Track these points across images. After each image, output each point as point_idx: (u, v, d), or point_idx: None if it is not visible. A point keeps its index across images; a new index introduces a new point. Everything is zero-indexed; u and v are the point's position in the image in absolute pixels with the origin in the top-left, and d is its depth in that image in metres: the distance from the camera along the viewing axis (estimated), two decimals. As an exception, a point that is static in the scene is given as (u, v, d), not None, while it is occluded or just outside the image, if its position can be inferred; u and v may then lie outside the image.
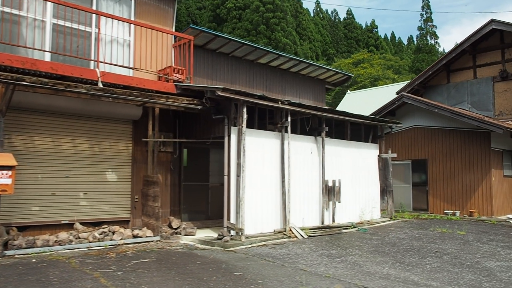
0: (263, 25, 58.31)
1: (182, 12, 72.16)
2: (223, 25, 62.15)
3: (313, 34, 71.12)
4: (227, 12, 62.22)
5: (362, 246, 9.69)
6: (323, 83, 15.90)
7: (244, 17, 59.96)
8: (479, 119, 15.18)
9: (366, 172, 13.78)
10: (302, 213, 11.46)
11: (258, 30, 58.28)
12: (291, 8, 67.93)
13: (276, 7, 60.34)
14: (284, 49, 56.00)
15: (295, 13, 69.43)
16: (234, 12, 61.35)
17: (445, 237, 11.04)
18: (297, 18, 69.37)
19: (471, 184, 16.11)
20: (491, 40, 19.78)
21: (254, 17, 58.57)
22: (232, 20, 61.37)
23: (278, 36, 57.89)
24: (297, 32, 67.41)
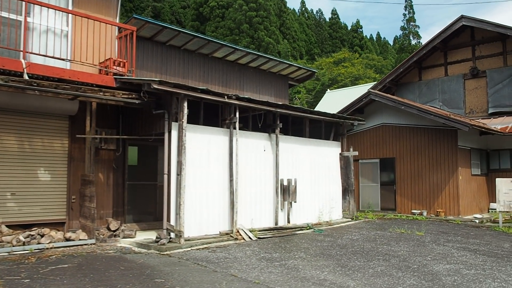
0: (246, 24, 57.77)
1: (166, 11, 71.38)
2: (206, 24, 61.48)
3: (297, 34, 70.71)
4: (210, 10, 61.54)
5: (310, 249, 9.16)
6: (286, 79, 15.37)
7: (227, 15, 59.35)
8: (445, 116, 14.77)
9: (326, 170, 13.27)
10: (252, 214, 10.89)
11: (241, 29, 57.70)
12: (275, 7, 67.47)
13: (260, 6, 59.77)
14: (267, 49, 55.49)
15: (279, 12, 68.92)
16: (217, 10, 60.69)
17: (401, 239, 10.55)
18: (281, 17, 68.89)
19: (438, 183, 15.70)
20: (462, 37, 19.46)
21: (237, 16, 57.99)
22: (215, 19, 60.71)
23: (261, 35, 57.37)
24: (281, 31, 66.97)
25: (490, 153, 17.51)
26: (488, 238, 10.88)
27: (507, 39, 18.18)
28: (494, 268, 7.55)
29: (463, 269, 7.45)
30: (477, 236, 11.23)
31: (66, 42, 10.25)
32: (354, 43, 77.28)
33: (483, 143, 17.35)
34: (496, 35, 18.37)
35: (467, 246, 9.68)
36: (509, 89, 17.99)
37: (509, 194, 12.49)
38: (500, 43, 18.45)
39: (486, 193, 17.22)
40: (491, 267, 7.64)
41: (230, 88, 13.46)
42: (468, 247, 9.57)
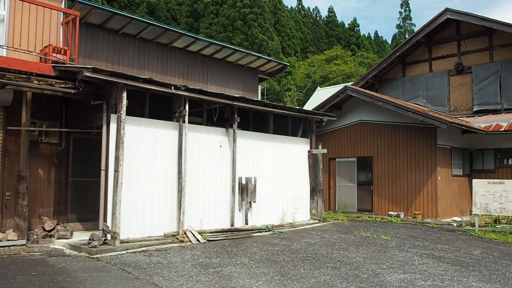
0: (240, 20, 56.97)
1: (161, 7, 70.61)
2: (200, 21, 60.73)
3: (292, 31, 69.86)
4: (204, 7, 60.79)
5: (257, 253, 8.38)
6: (256, 72, 14.58)
7: (221, 12, 58.56)
8: (423, 113, 13.98)
9: (293, 169, 12.49)
10: (205, 214, 10.12)
11: (235, 26, 56.93)
12: (269, 4, 66.63)
13: (254, 2, 58.93)
14: (261, 46, 54.71)
15: (274, 10, 68.08)
16: (211, 7, 59.93)
17: (363, 243, 9.78)
18: (276, 14, 68.03)
19: (416, 184, 14.91)
20: (447, 31, 18.65)
21: (231, 13, 57.20)
22: (209, 16, 59.98)
23: (255, 32, 56.57)
24: (276, 28, 66.16)
25: (474, 152, 16.72)
26: (459, 244, 10.10)
27: (494, 34, 17.37)
28: (455, 279, 6.78)
29: (418, 280, 6.68)
30: (447, 241, 10.45)
31: (3, 27, 9.47)
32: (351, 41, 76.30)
33: (466, 142, 16.56)
34: (482, 29, 17.56)
35: (432, 253, 8.90)
36: (495, 86, 17.18)
37: (486, 196, 11.70)
38: (486, 37, 17.64)
39: (468, 194, 16.42)
40: (451, 278, 6.87)
41: (192, 80, 12.68)
42: (433, 254, 8.79)
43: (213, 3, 60.18)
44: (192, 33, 13.40)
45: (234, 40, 54.87)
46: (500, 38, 17.24)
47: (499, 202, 11.47)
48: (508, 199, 11.34)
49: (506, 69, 17.02)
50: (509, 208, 11.33)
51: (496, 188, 11.54)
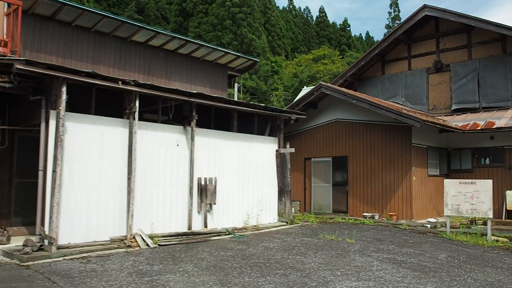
0: (229, 20, 56.43)
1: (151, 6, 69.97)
2: (189, 20, 60.17)
3: (282, 31, 69.43)
4: (193, 6, 60.25)
5: (205, 259, 7.84)
6: (225, 69, 14.03)
7: (210, 11, 58.00)
8: (396, 111, 13.50)
9: (259, 169, 11.96)
10: (158, 217, 9.57)
11: (224, 25, 56.38)
12: (259, 4, 66.15)
13: (243, 2, 58.43)
14: (250, 45, 54.22)
15: (264, 9, 67.60)
16: (200, 6, 59.37)
17: (325, 247, 9.26)
18: (266, 14, 67.55)
19: (391, 184, 14.43)
20: (427, 29, 18.23)
21: (220, 12, 56.64)
22: (198, 15, 59.41)
23: (244, 31, 56.08)
24: (266, 28, 65.72)
25: (451, 152, 16.28)
26: (426, 247, 9.61)
27: (472, 31, 16.97)
28: (410, 287, 6.27)
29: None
30: (415, 244, 9.96)
31: None
32: (342, 41, 76.07)
33: (444, 141, 16.12)
34: (461, 26, 17.15)
35: (394, 257, 8.40)
36: (473, 84, 16.77)
37: (457, 197, 11.23)
38: (465, 35, 17.23)
39: (446, 195, 15.95)
40: (407, 285, 6.37)
41: (154, 76, 12.11)
42: (395, 258, 8.29)
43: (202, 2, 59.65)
44: (153, 26, 12.83)
45: (223, 40, 54.35)
46: (479, 36, 16.84)
47: (471, 203, 11.01)
48: (480, 200, 10.88)
49: (484, 67, 16.61)
50: (481, 209, 10.86)
51: (467, 189, 11.07)
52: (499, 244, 10.48)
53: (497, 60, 16.35)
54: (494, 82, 16.33)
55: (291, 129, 17.21)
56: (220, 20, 57.30)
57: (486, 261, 8.39)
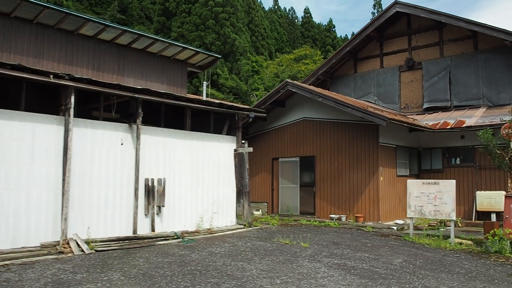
0: (212, 19, 55.76)
1: (134, 6, 69.06)
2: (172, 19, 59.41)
3: (266, 31, 68.95)
4: (176, 5, 59.44)
5: (137, 267, 7.23)
6: (185, 65, 13.41)
7: (193, 11, 57.29)
8: (362, 109, 13.03)
9: (215, 170, 11.38)
10: (99, 221, 8.94)
11: (207, 25, 55.66)
12: (243, 4, 65.63)
13: (226, 1, 57.80)
14: (233, 45, 53.64)
15: (248, 9, 67.07)
16: (183, 6, 58.57)
17: (275, 252, 8.71)
18: (249, 14, 67.03)
19: (358, 185, 13.96)
20: (399, 26, 17.84)
21: (202, 12, 55.94)
22: (181, 15, 58.60)
23: (227, 31, 55.50)
24: (250, 28, 65.20)
25: (422, 152, 15.87)
26: (383, 251, 9.11)
27: (444, 28, 16.61)
28: (352, 296, 5.75)
29: (305, 300, 5.63)
30: (373, 248, 9.46)
31: None
32: (327, 42, 75.76)
33: (414, 141, 15.71)
34: (432, 23, 16.79)
35: (346, 263, 7.87)
36: (445, 82, 16.40)
37: (420, 198, 10.76)
38: (436, 32, 16.87)
39: (417, 196, 15.52)
40: (348, 295, 5.84)
41: (104, 72, 11.46)
42: (346, 264, 7.77)
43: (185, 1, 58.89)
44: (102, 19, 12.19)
45: (205, 40, 53.65)
46: (450, 33, 16.49)
47: (434, 204, 10.55)
48: (443, 201, 10.42)
49: (456, 64, 16.26)
50: (444, 210, 10.41)
51: (430, 189, 10.62)
52: (462, 247, 10.04)
53: (469, 57, 16.00)
54: (466, 80, 15.98)
55: (259, 128, 16.69)
56: (203, 20, 56.61)
57: (444, 266, 7.92)
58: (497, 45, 15.35)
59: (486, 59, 15.60)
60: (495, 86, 15.40)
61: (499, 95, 15.32)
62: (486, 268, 7.91)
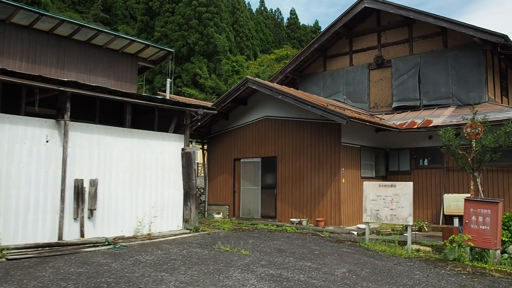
0: (195, 19, 55.00)
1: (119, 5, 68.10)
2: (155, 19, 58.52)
3: (251, 32, 68.32)
4: (159, 5, 58.64)
5: (39, 279, 6.41)
6: (134, 59, 12.60)
7: (177, 11, 56.48)
8: (322, 107, 12.33)
9: (160, 170, 10.58)
10: (17, 226, 8.09)
11: (190, 25, 54.89)
12: (228, 4, 64.97)
13: (210, 1, 57.11)
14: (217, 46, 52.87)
15: (232, 10, 66.44)
16: (167, 5, 57.79)
17: (208, 261, 7.93)
18: (234, 14, 66.39)
19: (320, 187, 13.25)
20: (368, 22, 17.21)
21: (186, 11, 55.17)
22: (165, 14, 57.77)
23: (211, 31, 54.76)
24: (234, 29, 64.57)
25: (390, 152, 15.22)
26: (330, 259, 8.38)
27: (413, 24, 16.01)
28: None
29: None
30: (319, 256, 8.73)
31: None
32: (313, 43, 75.40)
33: (382, 141, 15.06)
34: (402, 19, 16.18)
35: (281, 273, 7.13)
36: (414, 80, 15.78)
37: (377, 201, 10.07)
38: (406, 28, 16.26)
39: (384, 199, 14.85)
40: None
41: (41, 65, 10.61)
42: (281, 275, 7.02)
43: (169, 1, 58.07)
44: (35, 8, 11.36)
45: (189, 39, 52.90)
46: (420, 29, 15.90)
47: (391, 208, 9.86)
48: (400, 205, 9.74)
49: (425, 62, 15.66)
50: (401, 215, 9.72)
51: (387, 192, 9.93)
52: (419, 255, 9.37)
53: (438, 55, 15.41)
54: (435, 78, 15.38)
55: (222, 128, 15.94)
56: (186, 19, 55.90)
57: (391, 277, 7.22)
58: (466, 42, 14.78)
59: (455, 56, 15.02)
60: (465, 84, 14.82)
61: (468, 94, 14.74)
62: (438, 279, 7.23)
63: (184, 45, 54.79)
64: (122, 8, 68.55)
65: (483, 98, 14.45)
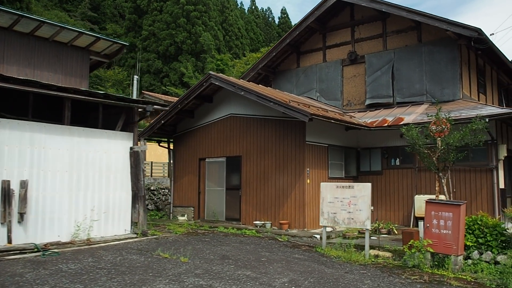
0: (183, 18, 54.32)
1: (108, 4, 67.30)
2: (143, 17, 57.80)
3: (241, 31, 67.64)
4: (147, 3, 57.95)
5: None
6: (86, 53, 11.89)
7: (165, 9, 55.80)
8: (284, 103, 11.67)
9: (105, 171, 9.89)
10: None
11: (178, 23, 54.23)
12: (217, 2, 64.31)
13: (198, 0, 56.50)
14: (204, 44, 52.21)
15: (221, 8, 65.77)
16: (155, 4, 57.11)
17: (138, 269, 7.24)
18: (223, 13, 65.75)
19: (284, 189, 12.59)
20: (342, 17, 16.57)
21: (174, 10, 54.48)
22: (152, 12, 57.10)
23: (199, 30, 54.09)
24: (223, 28, 63.94)
25: (361, 152, 14.58)
26: (274, 268, 7.70)
27: (388, 18, 15.38)
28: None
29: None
30: (264, 263, 8.05)
31: None
32: (304, 43, 74.80)
33: (353, 140, 14.41)
34: (376, 13, 15.55)
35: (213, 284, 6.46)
36: (388, 77, 15.15)
37: (334, 203, 9.41)
38: (380, 23, 15.63)
39: (354, 200, 14.20)
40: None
41: (-24, 57, 9.89)
42: (212, 286, 6.35)
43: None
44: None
45: (176, 38, 52.25)
46: (394, 24, 15.27)
47: (348, 211, 9.20)
48: (357, 207, 9.08)
49: (399, 58, 15.03)
50: (359, 218, 9.07)
51: (345, 194, 9.28)
52: (378, 261, 8.72)
53: (413, 50, 14.79)
54: (409, 74, 14.76)
55: (187, 126, 15.27)
56: (174, 18, 55.25)
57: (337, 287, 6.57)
58: (440, 37, 14.16)
59: (429, 51, 14.40)
60: (439, 81, 14.19)
61: (443, 91, 14.12)
62: (388, 289, 6.60)
63: (171, 44, 54.12)
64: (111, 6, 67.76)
65: (457, 95, 13.83)
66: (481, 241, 9.04)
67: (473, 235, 9.25)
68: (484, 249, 8.97)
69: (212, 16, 58.36)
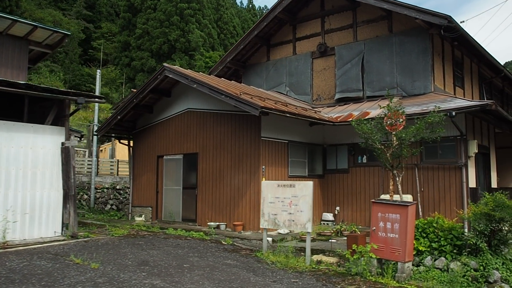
0: (176, 16, 53.67)
1: (104, 3, 66.82)
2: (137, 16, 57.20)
3: (236, 29, 66.84)
4: (141, 2, 57.37)
5: None
6: (25, 43, 11.13)
7: (159, 7, 55.19)
8: (234, 96, 10.87)
9: (30, 168, 9.12)
10: None
11: (171, 21, 53.59)
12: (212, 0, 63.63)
13: (192, -3, 55.79)
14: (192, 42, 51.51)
15: (216, 6, 65.05)
16: (149, 2, 56.57)
17: (32, 277, 6.45)
18: (218, 11, 65.03)
19: (239, 188, 11.78)
20: (312, 7, 15.73)
21: (167, 8, 53.86)
22: (146, 11, 56.55)
23: (192, 28, 53.42)
24: (218, 26, 63.24)
25: (328, 148, 13.73)
26: (191, 276, 6.89)
27: (358, 8, 14.53)
28: None
29: None
30: (184, 271, 7.24)
31: None
32: (301, 41, 73.94)
33: (318, 136, 13.57)
34: (346, 3, 14.70)
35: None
36: (357, 69, 14.29)
37: (275, 204, 8.57)
38: (350, 12, 14.77)
39: (320, 200, 13.41)
40: None
41: None
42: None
43: (151, -3, 56.72)
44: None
45: (170, 36, 51.63)
46: (364, 13, 14.41)
47: (289, 212, 8.37)
48: (298, 208, 8.25)
49: (369, 49, 14.17)
50: (299, 220, 8.23)
51: (286, 193, 8.44)
52: (319, 267, 7.89)
53: (383, 41, 13.92)
54: (380, 66, 13.89)
55: (146, 122, 14.50)
56: (167, 16, 54.60)
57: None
58: (412, 26, 13.28)
59: (400, 42, 13.53)
60: (410, 73, 13.32)
61: (413, 84, 13.24)
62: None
63: (165, 42, 53.50)
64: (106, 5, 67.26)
65: (428, 87, 12.95)
66: (434, 245, 8.23)
67: (427, 239, 8.43)
68: (438, 254, 8.14)
69: (206, 14, 57.66)
